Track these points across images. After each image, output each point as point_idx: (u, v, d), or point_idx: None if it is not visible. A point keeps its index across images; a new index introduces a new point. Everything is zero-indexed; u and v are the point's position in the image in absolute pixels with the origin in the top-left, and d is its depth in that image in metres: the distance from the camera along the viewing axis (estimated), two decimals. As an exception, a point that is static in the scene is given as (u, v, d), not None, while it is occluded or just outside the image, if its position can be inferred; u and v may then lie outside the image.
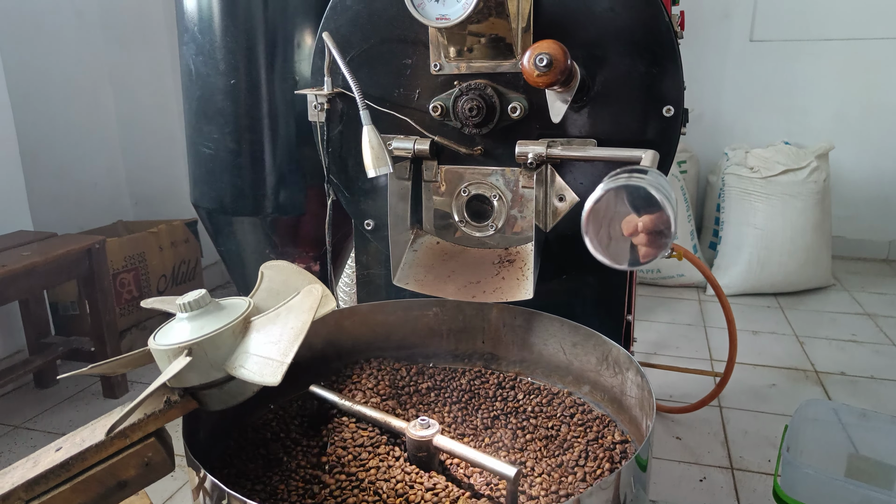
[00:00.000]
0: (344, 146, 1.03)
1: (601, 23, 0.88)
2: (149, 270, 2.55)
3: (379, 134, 0.82)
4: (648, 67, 0.88)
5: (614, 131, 0.91)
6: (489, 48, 0.91)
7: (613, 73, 0.89)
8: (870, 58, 3.27)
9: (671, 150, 0.90)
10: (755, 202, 2.84)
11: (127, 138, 2.93)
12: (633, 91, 0.89)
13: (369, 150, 0.79)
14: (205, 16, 1.09)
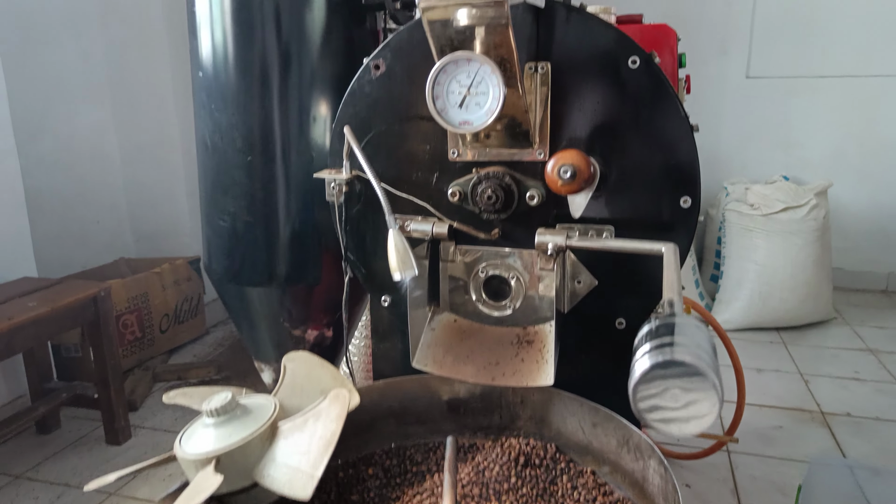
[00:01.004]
0: (361, 224, 1.04)
1: (617, 115, 0.89)
2: (151, 310, 2.54)
3: (404, 237, 0.83)
4: (665, 158, 0.89)
5: (632, 218, 0.92)
6: (507, 137, 0.92)
7: (630, 163, 0.90)
8: (866, 94, 3.30)
9: (689, 239, 0.91)
10: (756, 238, 2.85)
11: (130, 175, 2.94)
12: (650, 181, 0.90)
13: (395, 253, 0.80)
14: (223, 94, 1.10)
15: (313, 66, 1.11)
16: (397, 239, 0.81)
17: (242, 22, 1.07)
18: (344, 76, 1.13)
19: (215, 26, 1.09)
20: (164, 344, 2.63)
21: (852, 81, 3.33)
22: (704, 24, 3.49)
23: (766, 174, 3.47)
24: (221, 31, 1.08)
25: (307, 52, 1.10)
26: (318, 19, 1.11)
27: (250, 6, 1.07)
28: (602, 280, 0.95)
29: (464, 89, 0.79)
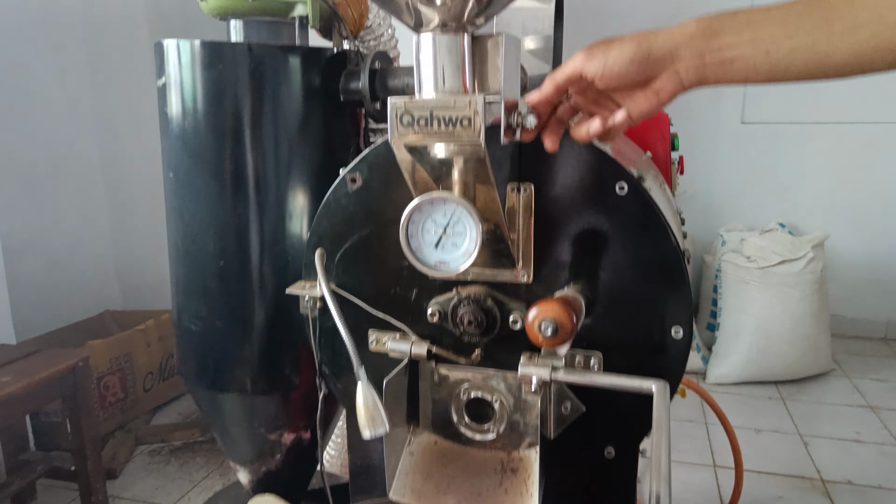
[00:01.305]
0: (337, 338, 0.99)
1: (604, 241, 0.84)
2: (135, 370, 2.48)
3: (375, 392, 0.78)
4: (655, 287, 0.84)
5: (621, 345, 0.87)
6: (489, 255, 0.88)
7: (618, 290, 0.85)
8: (860, 141, 3.28)
9: (681, 371, 0.85)
10: (752, 291, 2.81)
11: (117, 226, 2.89)
12: (639, 310, 0.85)
13: (363, 410, 0.74)
14: (195, 198, 1.05)
15: (289, 164, 1.07)
16: (366, 393, 0.76)
17: (215, 123, 1.03)
18: (322, 171, 1.10)
19: (187, 126, 1.04)
20: (148, 402, 2.56)
21: (846, 128, 3.31)
22: (698, 70, 3.46)
23: (762, 220, 3.44)
24: (194, 132, 1.04)
25: (283, 153, 1.06)
26: (296, 115, 1.06)
27: (222, 104, 1.02)
28: (590, 406, 0.90)
29: (440, 229, 0.74)
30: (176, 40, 1.03)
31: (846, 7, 0.61)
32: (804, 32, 0.61)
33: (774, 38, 0.62)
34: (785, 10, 0.63)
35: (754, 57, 0.63)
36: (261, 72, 1.02)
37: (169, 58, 1.04)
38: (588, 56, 0.67)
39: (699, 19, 0.66)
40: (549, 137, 0.75)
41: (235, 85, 1.01)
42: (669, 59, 0.65)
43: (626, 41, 0.66)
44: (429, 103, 0.71)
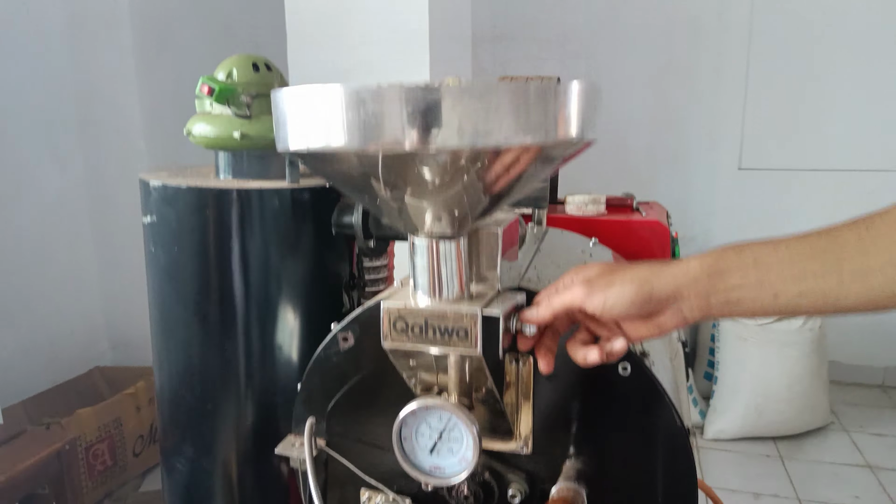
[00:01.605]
0: (328, 495, 0.96)
1: (607, 421, 0.81)
2: (125, 436, 2.44)
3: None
4: (659, 469, 0.81)
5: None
6: (487, 426, 0.85)
7: (621, 471, 0.82)
8: (858, 189, 3.27)
9: (687, 555, 0.82)
10: (750, 348, 2.79)
11: (107, 282, 2.85)
12: (643, 492, 0.82)
13: None
14: (180, 341, 1.02)
15: (280, 303, 1.03)
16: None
17: (201, 266, 1.00)
18: (314, 306, 1.07)
19: (172, 268, 1.01)
20: (138, 467, 2.52)
21: (844, 175, 3.30)
22: (695, 117, 3.46)
23: (759, 265, 3.42)
24: (180, 273, 1.01)
25: (273, 292, 1.02)
26: (286, 253, 1.03)
27: (209, 248, 0.99)
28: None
29: (435, 434, 0.71)
30: (162, 182, 1.00)
31: (857, 251, 0.58)
32: (813, 276, 0.59)
33: (783, 281, 0.59)
34: (793, 251, 0.60)
35: (761, 299, 0.60)
36: (250, 216, 0.99)
37: (154, 197, 1.01)
38: (588, 292, 0.64)
39: (703, 258, 0.63)
40: (544, 359, 0.72)
41: (223, 229, 0.98)
42: (672, 299, 0.62)
43: (628, 280, 0.63)
44: (423, 312, 0.68)
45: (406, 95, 0.53)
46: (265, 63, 1.09)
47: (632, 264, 0.66)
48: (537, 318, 0.68)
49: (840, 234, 0.60)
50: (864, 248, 0.58)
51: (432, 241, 0.67)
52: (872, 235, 0.58)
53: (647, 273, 0.63)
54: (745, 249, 0.62)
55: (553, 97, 0.57)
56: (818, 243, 0.60)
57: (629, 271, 0.64)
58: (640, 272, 0.64)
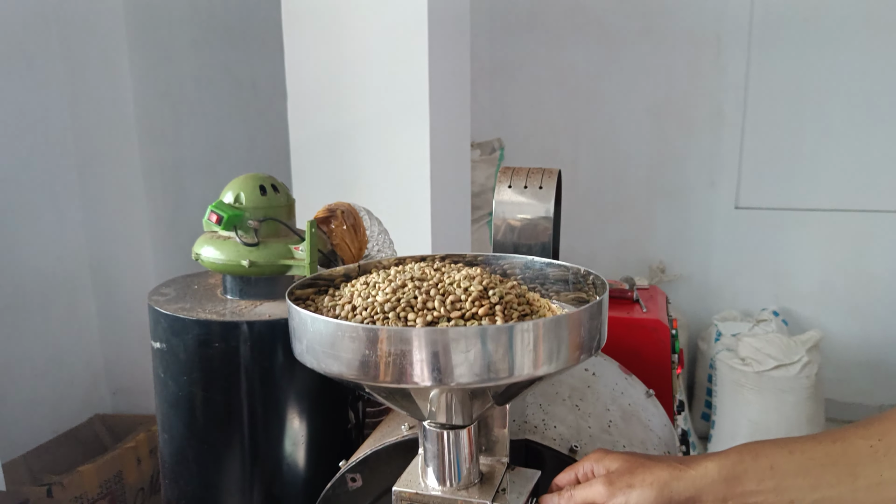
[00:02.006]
0: None
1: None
2: (125, 490, 2.44)
3: None
4: None
5: None
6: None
7: None
8: (854, 229, 3.30)
9: None
10: (748, 394, 2.81)
11: (107, 328, 2.85)
12: None
13: None
14: (188, 465, 1.03)
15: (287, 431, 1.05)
16: None
17: (210, 396, 1.01)
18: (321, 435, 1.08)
19: (181, 396, 1.02)
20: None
21: (840, 216, 3.32)
22: (693, 155, 3.48)
23: (756, 303, 3.45)
24: (188, 403, 1.02)
25: (282, 421, 1.04)
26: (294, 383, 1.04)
27: (218, 379, 1.00)
28: None
29: None
30: (172, 313, 1.01)
31: (871, 463, 0.60)
32: (828, 486, 0.61)
33: (799, 488, 0.61)
34: (807, 457, 0.62)
35: (778, 503, 0.62)
36: (259, 345, 1.00)
37: (163, 326, 1.02)
38: (610, 493, 0.66)
39: (721, 460, 0.64)
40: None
41: (231, 361, 1.00)
42: (691, 502, 0.64)
43: (648, 484, 0.65)
44: (434, 500, 0.69)
45: (423, 338, 0.54)
46: (272, 184, 1.10)
47: (651, 463, 0.67)
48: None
49: (853, 442, 0.62)
50: (877, 458, 0.60)
51: (443, 432, 0.68)
52: (885, 446, 0.61)
53: (666, 476, 0.65)
54: (762, 454, 0.64)
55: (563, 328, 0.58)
56: (832, 451, 0.62)
57: (649, 472, 0.66)
58: (659, 474, 0.65)
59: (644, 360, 1.32)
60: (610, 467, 0.69)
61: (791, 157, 3.35)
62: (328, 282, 0.77)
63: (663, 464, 0.67)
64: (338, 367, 0.57)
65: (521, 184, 1.13)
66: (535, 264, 0.84)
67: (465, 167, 2.40)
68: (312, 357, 0.60)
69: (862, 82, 3.21)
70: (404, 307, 0.61)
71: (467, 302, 0.62)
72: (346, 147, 2.20)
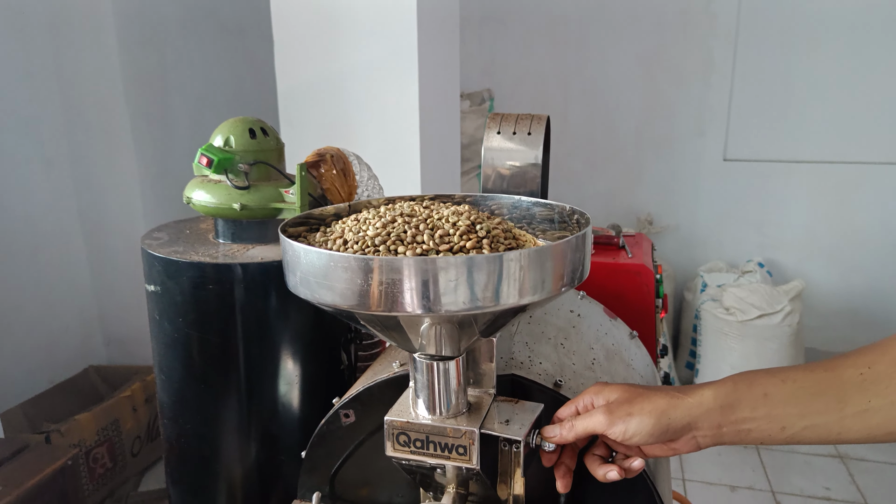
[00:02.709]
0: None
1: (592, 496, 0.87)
2: (123, 437, 2.50)
3: None
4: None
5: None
6: (479, 503, 0.90)
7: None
8: (838, 180, 3.33)
9: None
10: (731, 342, 2.87)
11: (99, 279, 2.87)
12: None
13: None
14: (186, 403, 1.06)
15: (282, 367, 1.08)
16: None
17: (205, 336, 1.03)
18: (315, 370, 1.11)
19: (178, 336, 1.04)
20: (137, 466, 2.58)
21: (826, 167, 3.35)
22: (683, 106, 3.48)
23: (742, 254, 3.50)
24: (185, 344, 1.04)
25: (277, 357, 1.07)
26: (288, 320, 1.07)
27: (214, 319, 1.03)
28: None
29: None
30: (165, 256, 1.02)
31: (858, 391, 0.63)
32: (817, 413, 0.64)
33: (789, 416, 0.64)
34: (798, 386, 0.65)
35: (770, 430, 0.65)
36: (252, 287, 1.02)
37: (157, 269, 1.04)
38: (610, 421, 0.69)
39: (717, 389, 0.67)
40: (563, 480, 0.76)
41: (226, 302, 1.02)
42: (687, 429, 0.67)
43: (647, 412, 0.68)
44: (424, 428, 0.72)
45: (413, 266, 0.56)
46: (262, 128, 1.10)
47: (649, 393, 0.70)
48: (560, 439, 0.73)
49: (843, 371, 0.65)
50: (865, 387, 0.63)
51: (433, 362, 0.71)
52: (873, 374, 0.63)
53: (664, 404, 0.68)
54: (756, 382, 0.67)
55: (547, 258, 0.60)
56: (823, 379, 0.65)
57: (647, 401, 0.69)
58: (657, 402, 0.68)
59: (628, 304, 1.35)
60: (609, 398, 0.72)
61: (779, 109, 3.36)
62: (319, 220, 0.79)
63: (661, 393, 0.70)
64: (331, 297, 0.59)
65: (510, 130, 1.14)
66: (521, 204, 0.86)
67: (454, 117, 2.39)
68: (306, 288, 0.62)
69: (850, 36, 3.20)
70: (394, 241, 0.63)
71: (455, 236, 0.64)
72: (334, 95, 2.18)
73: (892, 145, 3.23)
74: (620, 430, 0.69)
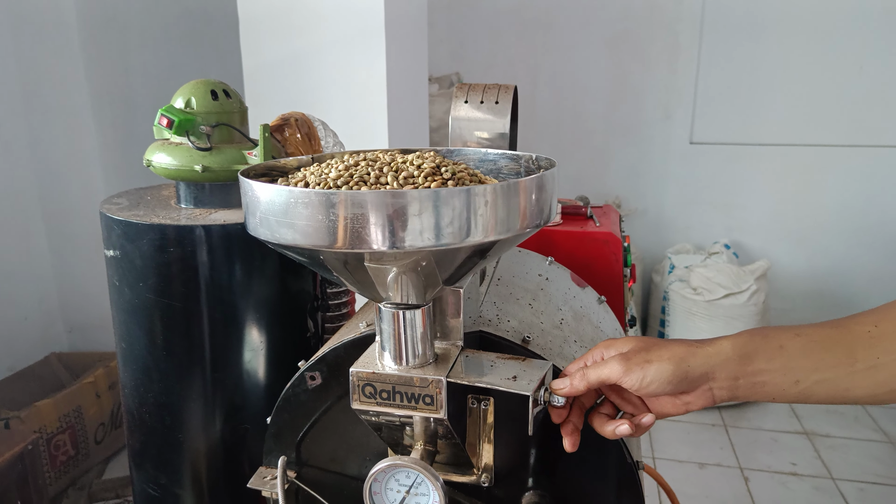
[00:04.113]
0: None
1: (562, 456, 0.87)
2: (86, 424, 2.44)
3: None
4: (611, 500, 0.87)
5: (578, 545, 0.90)
6: (450, 461, 0.89)
7: (577, 499, 0.88)
8: (803, 162, 3.38)
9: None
10: (699, 322, 2.90)
11: (60, 265, 2.80)
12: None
13: None
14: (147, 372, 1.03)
15: (247, 334, 1.05)
16: None
17: (167, 301, 1.00)
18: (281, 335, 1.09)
19: (138, 302, 1.02)
20: (100, 454, 2.53)
21: (791, 150, 3.40)
22: (650, 90, 3.50)
23: (709, 237, 3.54)
24: (145, 309, 1.02)
25: (240, 323, 1.04)
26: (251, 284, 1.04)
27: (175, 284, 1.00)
28: None
29: (403, 489, 0.75)
30: (124, 219, 0.99)
31: (867, 347, 0.64)
32: (829, 367, 0.64)
33: (803, 369, 0.65)
34: (811, 340, 0.65)
35: (784, 384, 0.65)
36: (214, 251, 1.00)
37: (116, 233, 1.01)
38: (626, 370, 0.67)
39: (734, 339, 0.67)
40: (571, 438, 0.74)
41: (188, 266, 0.99)
42: (705, 378, 0.67)
43: (665, 359, 0.67)
44: (391, 378, 0.71)
45: (377, 200, 0.55)
46: (224, 90, 1.08)
47: (665, 342, 0.69)
48: (571, 390, 0.71)
49: (853, 328, 0.66)
50: (873, 344, 0.64)
51: (398, 311, 0.70)
52: (881, 332, 0.65)
53: (682, 352, 0.67)
54: (771, 336, 0.67)
55: (513, 194, 0.59)
56: (833, 335, 0.66)
57: (665, 349, 0.68)
58: (676, 351, 0.68)
59: (596, 272, 1.35)
60: (623, 349, 0.70)
61: (744, 93, 3.40)
62: (281, 172, 0.77)
63: (678, 342, 0.69)
64: (291, 235, 0.58)
65: (478, 99, 1.13)
66: (488, 156, 0.85)
67: (422, 99, 2.38)
68: (266, 228, 0.60)
69: (815, 20, 3.24)
70: (357, 181, 0.61)
71: (420, 177, 0.63)
72: (300, 75, 2.15)
73: (854, 128, 3.29)
74: (637, 378, 0.67)
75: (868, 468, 2.56)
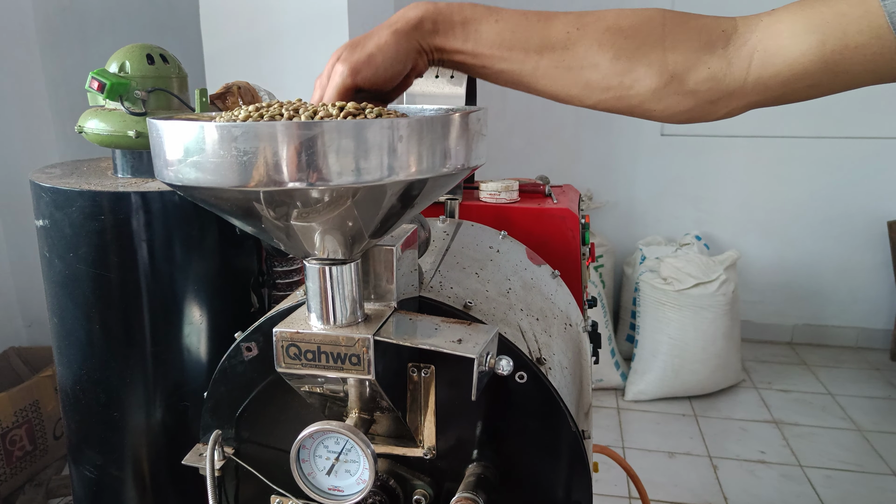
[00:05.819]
0: (239, 500, 0.96)
1: (505, 425, 0.84)
2: (43, 418, 2.37)
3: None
4: (555, 469, 0.84)
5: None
6: (392, 433, 0.86)
7: (519, 470, 0.85)
8: (772, 155, 3.40)
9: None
10: (668, 312, 2.89)
11: (17, 255, 2.73)
12: (542, 488, 0.85)
13: None
14: (81, 349, 0.99)
15: (185, 307, 1.02)
16: None
17: (101, 272, 0.96)
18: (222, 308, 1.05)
19: (69, 274, 0.97)
20: (59, 450, 2.46)
21: (760, 142, 3.41)
22: (619, 83, 3.49)
23: (680, 228, 3.54)
24: (77, 281, 0.97)
25: (177, 295, 1.00)
26: (189, 255, 1.01)
27: (108, 253, 0.96)
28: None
29: (332, 455, 0.72)
30: (53, 185, 0.95)
31: (560, 47, 0.66)
32: (517, 62, 0.67)
33: (491, 57, 0.68)
34: (509, 30, 0.68)
35: (474, 67, 0.71)
36: (150, 219, 0.96)
37: (45, 201, 0.97)
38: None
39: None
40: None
41: (122, 235, 0.95)
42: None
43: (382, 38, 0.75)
44: (316, 338, 0.68)
45: (282, 132, 0.52)
46: (161, 54, 1.04)
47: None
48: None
49: (554, 25, 0.67)
50: (566, 47, 0.65)
51: (323, 267, 0.67)
52: (577, 38, 0.66)
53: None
54: (473, 16, 0.68)
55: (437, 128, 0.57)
56: (534, 29, 0.67)
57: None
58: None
59: (553, 250, 1.33)
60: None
61: (714, 85, 3.40)
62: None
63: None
64: (195, 174, 0.54)
65: (432, 73, 1.10)
66: (425, 113, 0.82)
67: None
68: (171, 171, 0.56)
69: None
70: (267, 120, 0.58)
71: (339, 117, 0.59)
72: (261, 59, 2.12)
73: (821, 120, 3.31)
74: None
75: (835, 455, 2.57)
